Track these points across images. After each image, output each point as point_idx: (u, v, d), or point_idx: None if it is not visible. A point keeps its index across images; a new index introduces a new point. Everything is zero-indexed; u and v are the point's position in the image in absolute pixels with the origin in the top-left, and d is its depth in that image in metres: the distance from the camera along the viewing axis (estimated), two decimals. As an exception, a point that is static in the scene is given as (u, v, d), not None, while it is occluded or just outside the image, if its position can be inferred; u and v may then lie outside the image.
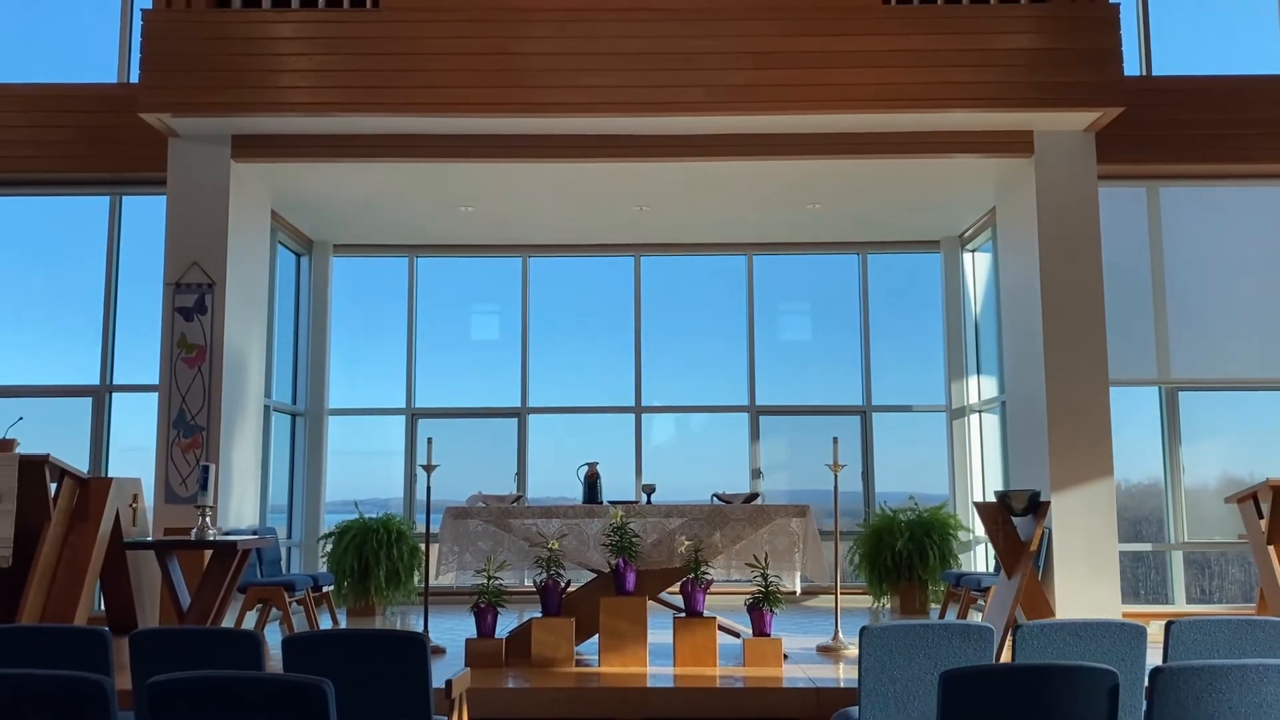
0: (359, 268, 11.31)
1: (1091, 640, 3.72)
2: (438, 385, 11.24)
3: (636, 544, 6.81)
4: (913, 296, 11.23)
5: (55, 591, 6.34)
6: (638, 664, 6.58)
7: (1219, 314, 9.08)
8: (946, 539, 9.49)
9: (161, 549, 6.00)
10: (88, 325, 9.18)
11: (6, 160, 8.94)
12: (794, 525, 7.07)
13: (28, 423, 7.24)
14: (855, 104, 7.94)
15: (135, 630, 3.66)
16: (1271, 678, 2.83)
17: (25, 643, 3.54)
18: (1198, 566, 9.32)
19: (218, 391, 8.17)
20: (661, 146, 8.35)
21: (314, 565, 10.26)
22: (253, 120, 8.13)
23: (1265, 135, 8.86)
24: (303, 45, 8.09)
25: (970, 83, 7.91)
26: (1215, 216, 9.21)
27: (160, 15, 8.08)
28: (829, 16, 7.99)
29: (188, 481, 8.09)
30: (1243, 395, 9.06)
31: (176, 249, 8.29)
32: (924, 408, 11.00)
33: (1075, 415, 8.09)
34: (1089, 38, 7.97)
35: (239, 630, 3.93)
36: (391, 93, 7.99)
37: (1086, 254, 8.27)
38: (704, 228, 10.56)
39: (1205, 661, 3.05)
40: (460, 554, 7.16)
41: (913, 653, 3.65)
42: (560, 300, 11.38)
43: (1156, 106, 8.78)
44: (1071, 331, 8.20)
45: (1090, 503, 8.02)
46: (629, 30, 7.97)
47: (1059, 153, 8.32)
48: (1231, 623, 3.82)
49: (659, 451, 11.20)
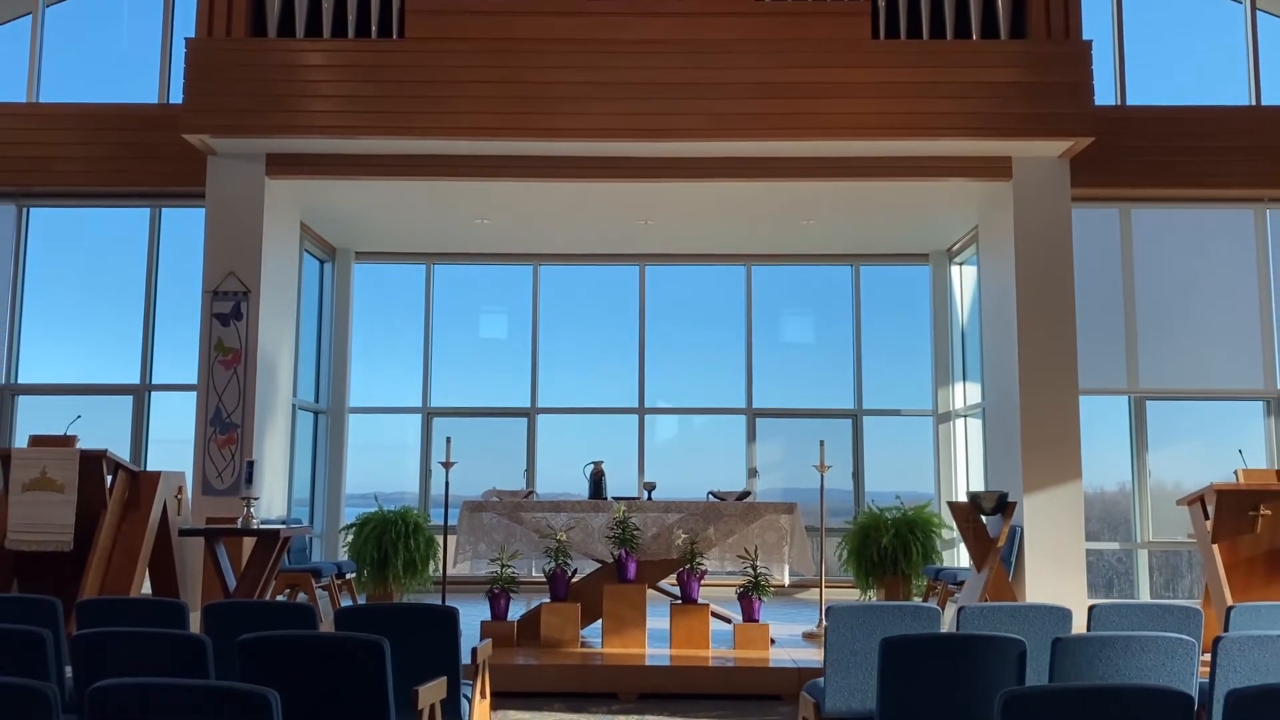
0: (379, 274, 11.97)
1: (1025, 620, 4.35)
2: (452, 386, 11.89)
3: (637, 537, 7.45)
4: (902, 306, 11.85)
5: (111, 573, 7.00)
6: (637, 645, 7.22)
7: (1186, 328, 9.69)
8: (929, 536, 10.10)
9: (211, 536, 6.65)
10: (129, 329, 9.84)
11: (56, 175, 9.59)
12: (783, 521, 7.70)
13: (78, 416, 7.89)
14: (846, 131, 8.56)
15: (210, 603, 4.31)
16: (1150, 646, 3.46)
17: (124, 610, 4.20)
18: (1165, 565, 9.95)
19: (252, 391, 8.82)
20: (665, 168, 8.98)
21: (334, 554, 10.90)
22: (286, 141, 8.76)
23: (1231, 162, 9.46)
24: (333, 72, 8.73)
25: (953, 113, 8.53)
26: (1183, 237, 9.83)
27: (203, 43, 8.73)
28: (822, 50, 8.62)
29: (223, 475, 8.75)
30: (1206, 405, 9.69)
31: (214, 259, 8.93)
32: (912, 412, 11.63)
33: (1047, 421, 8.71)
34: (1063, 72, 8.58)
35: (296, 603, 4.57)
36: (415, 117, 8.62)
37: (1060, 272, 8.88)
38: (705, 240, 11.19)
39: (1097, 633, 3.68)
40: (475, 544, 7.81)
41: (870, 629, 4.28)
42: (569, 306, 12.02)
43: (1129, 134, 9.39)
44: (1045, 343, 8.81)
45: (1060, 503, 8.64)
46: (636, 62, 8.60)
47: (1035, 178, 8.94)
48: (1146, 606, 4.45)
49: (661, 450, 11.84)
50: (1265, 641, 3.52)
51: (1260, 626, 4.37)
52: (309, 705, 3.23)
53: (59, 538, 6.84)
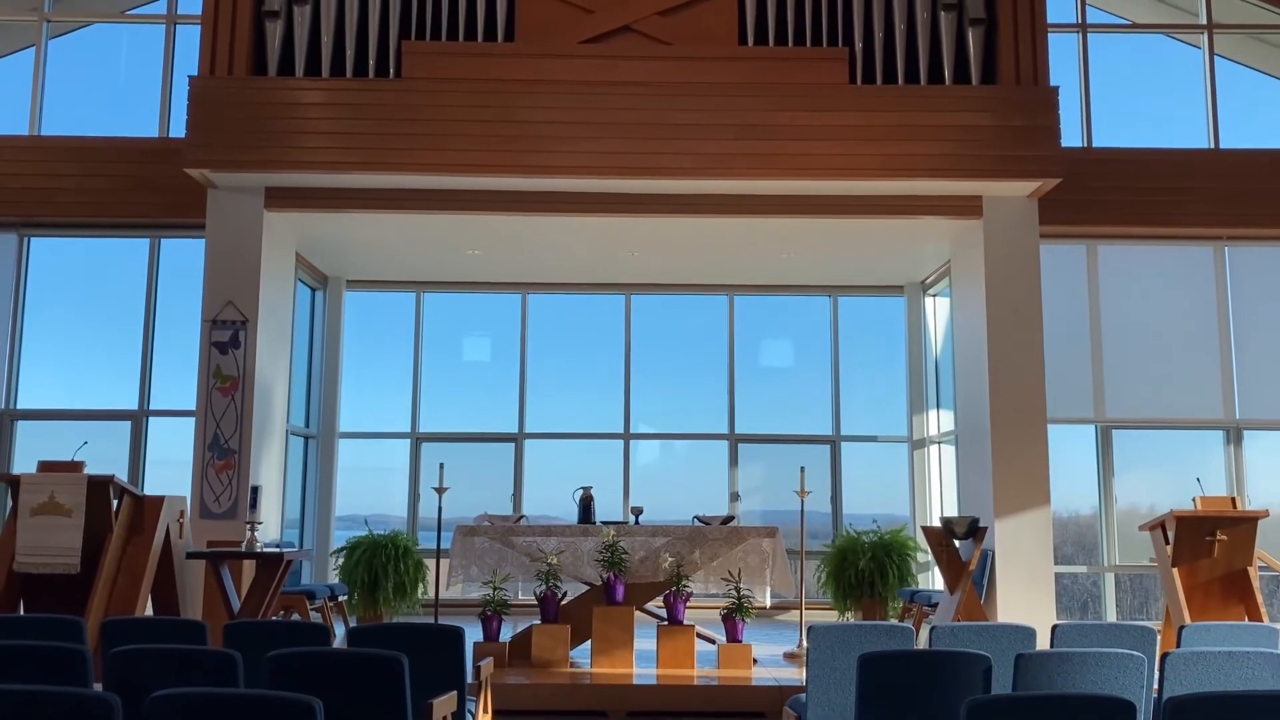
0: (369, 301, 12.25)
1: (992, 638, 4.68)
2: (441, 411, 12.17)
3: (625, 560, 7.75)
4: (879, 336, 12.23)
5: (116, 595, 7.23)
6: (625, 665, 7.51)
7: (1150, 360, 10.11)
8: (905, 559, 10.43)
9: (216, 559, 6.90)
10: (127, 355, 10.08)
11: (58, 205, 9.85)
12: (765, 545, 8.03)
13: (75, 441, 8.13)
14: (824, 172, 8.94)
15: (229, 622, 4.58)
16: (1105, 661, 3.79)
17: (147, 629, 4.47)
18: (1139, 588, 10.32)
19: (249, 418, 9.07)
20: (651, 205, 9.33)
21: (324, 576, 11.13)
22: (285, 176, 9.06)
23: (1193, 201, 9.92)
24: (331, 110, 9.04)
25: (925, 155, 8.92)
26: (1148, 272, 10.26)
27: (206, 81, 9.03)
28: (802, 94, 9.01)
29: (220, 499, 8.98)
30: (1170, 433, 10.10)
31: (214, 289, 9.19)
32: (888, 438, 11.99)
33: (1016, 449, 9.07)
34: (1031, 116, 9.00)
35: (310, 622, 4.84)
36: (410, 154, 8.94)
37: (1028, 306, 9.27)
38: (689, 270, 11.54)
39: (1056, 650, 4.01)
40: (468, 567, 8.09)
41: (849, 647, 4.60)
42: (556, 334, 12.33)
43: (1096, 174, 9.82)
44: (1013, 374, 9.18)
45: (1029, 528, 8.99)
46: (624, 103, 8.96)
47: (1004, 216, 9.34)
48: (1105, 626, 4.79)
49: (646, 474, 12.15)
50: (1207, 657, 3.86)
51: (1210, 644, 4.71)
52: (335, 716, 3.50)
53: (66, 560, 7.07)
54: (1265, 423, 10.02)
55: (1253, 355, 10.08)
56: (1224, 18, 10.52)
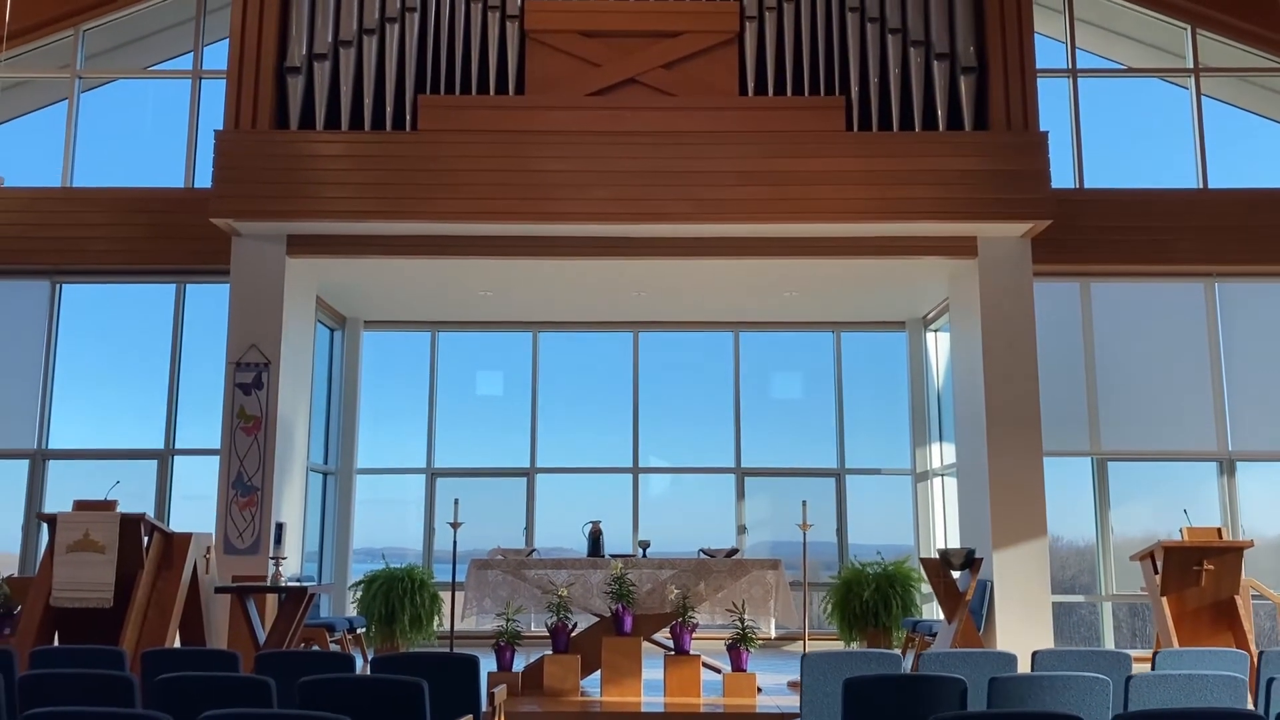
0: (386, 341, 12.64)
1: (975, 664, 4.97)
2: (455, 447, 12.51)
3: (633, 592, 8.04)
4: (882, 371, 12.54)
5: (147, 628, 7.54)
6: (633, 694, 7.78)
7: (1143, 394, 10.40)
8: (909, 590, 10.67)
9: (243, 593, 7.23)
10: (154, 396, 10.48)
11: (88, 254, 10.30)
12: (769, 577, 8.30)
13: (103, 480, 8.49)
14: (823, 215, 9.31)
15: (260, 652, 4.90)
16: (1072, 684, 4.08)
17: (187, 659, 4.80)
18: (1137, 616, 10.55)
19: (271, 457, 9.43)
20: (657, 247, 9.70)
21: (343, 609, 11.44)
22: (306, 224, 9.47)
23: (1182, 240, 10.26)
24: (350, 161, 9.46)
25: (920, 198, 9.28)
26: (1140, 308, 10.58)
27: (231, 134, 9.47)
28: (801, 141, 9.39)
29: (244, 535, 9.33)
30: (1163, 465, 10.37)
31: (238, 332, 9.59)
32: (892, 471, 12.27)
33: (1013, 481, 9.35)
34: (1022, 161, 9.36)
35: (336, 652, 5.17)
36: (425, 202, 9.35)
37: (1023, 342, 9.58)
38: (695, 309, 11.90)
39: (1026, 673, 4.30)
40: (482, 599, 8.39)
41: (840, 672, 4.89)
42: (566, 371, 12.69)
43: (1088, 214, 10.18)
44: (1010, 408, 9.48)
45: (1027, 559, 9.26)
46: (630, 151, 9.36)
47: (998, 256, 9.67)
48: (1082, 652, 5.08)
49: (654, 507, 12.44)
50: (1169, 679, 4.14)
51: (1181, 669, 4.99)
52: (361, 737, 3.82)
53: (100, 594, 7.40)
54: (1257, 454, 10.29)
55: (1244, 388, 10.37)
56: (1211, 61, 10.88)
